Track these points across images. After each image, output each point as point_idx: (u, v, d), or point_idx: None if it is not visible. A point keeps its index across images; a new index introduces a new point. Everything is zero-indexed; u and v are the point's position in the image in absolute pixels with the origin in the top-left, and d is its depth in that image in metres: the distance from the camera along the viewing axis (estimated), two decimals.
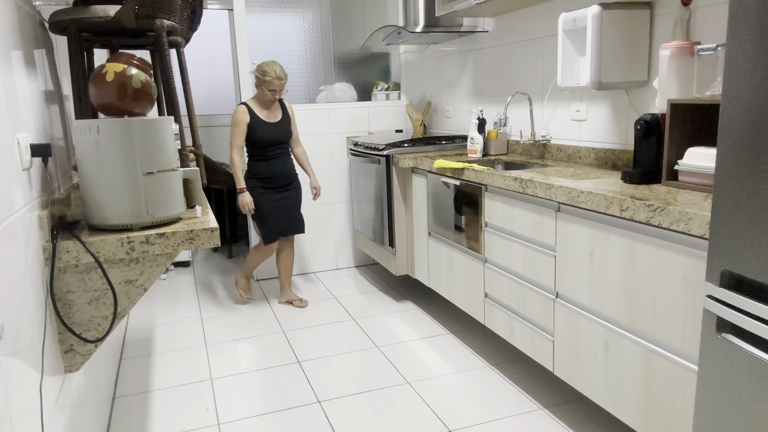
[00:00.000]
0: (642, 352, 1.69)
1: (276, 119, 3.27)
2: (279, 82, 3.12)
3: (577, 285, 1.95)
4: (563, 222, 1.99)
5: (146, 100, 1.46)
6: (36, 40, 1.60)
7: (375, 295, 3.60)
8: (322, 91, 4.17)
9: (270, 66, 3.11)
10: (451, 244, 2.83)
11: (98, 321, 1.44)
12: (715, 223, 1.26)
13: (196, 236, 1.43)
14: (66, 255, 1.34)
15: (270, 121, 3.24)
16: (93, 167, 1.38)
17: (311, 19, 4.15)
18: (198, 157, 1.86)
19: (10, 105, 1.23)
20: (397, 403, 2.31)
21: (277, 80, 3.11)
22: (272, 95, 3.16)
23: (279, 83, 3.13)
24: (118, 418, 2.29)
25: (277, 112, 3.29)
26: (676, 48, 1.89)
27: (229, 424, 2.22)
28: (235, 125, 3.18)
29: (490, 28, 3.28)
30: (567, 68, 2.34)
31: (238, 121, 3.17)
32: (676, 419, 1.59)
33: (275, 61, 3.15)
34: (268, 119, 3.24)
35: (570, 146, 2.69)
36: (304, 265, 4.11)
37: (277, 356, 2.79)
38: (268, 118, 3.24)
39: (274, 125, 3.24)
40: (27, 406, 1.11)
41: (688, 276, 1.51)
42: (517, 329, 2.34)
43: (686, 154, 1.79)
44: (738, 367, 1.22)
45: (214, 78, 5.13)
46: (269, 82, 3.11)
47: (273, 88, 3.13)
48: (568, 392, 2.35)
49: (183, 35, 1.84)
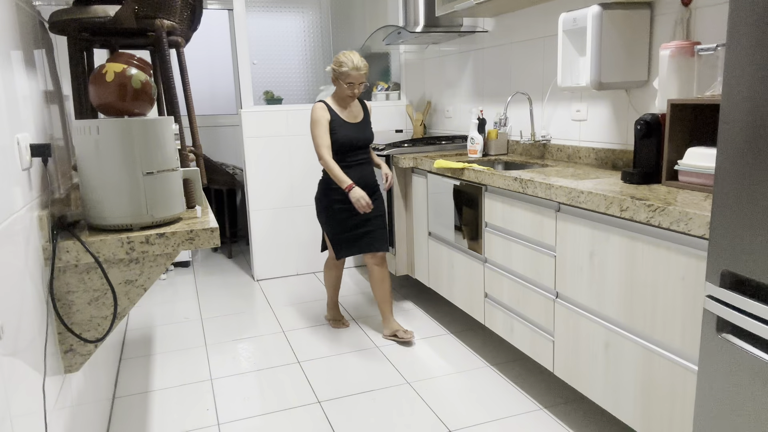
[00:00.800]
0: (642, 352, 1.69)
1: (357, 119, 2.85)
2: (357, 73, 2.69)
3: (577, 285, 1.95)
4: (563, 222, 1.99)
5: (146, 100, 1.46)
6: (36, 40, 1.60)
7: None
8: (322, 91, 4.17)
9: (346, 56, 2.71)
10: (451, 244, 2.83)
11: (98, 321, 1.44)
12: (715, 223, 1.26)
13: (196, 236, 1.43)
14: (66, 255, 1.34)
15: (351, 122, 2.82)
16: (93, 167, 1.38)
17: (311, 19, 4.15)
18: (198, 157, 1.86)
19: (10, 105, 1.23)
20: (397, 403, 2.31)
21: (355, 71, 2.69)
22: (350, 90, 2.73)
23: (357, 74, 2.69)
24: (118, 418, 2.29)
25: (358, 112, 2.87)
26: (676, 48, 1.89)
27: (229, 424, 2.22)
28: (315, 124, 2.76)
29: (490, 28, 3.28)
30: (567, 68, 2.34)
31: (318, 119, 2.75)
32: (676, 419, 1.59)
33: (354, 51, 2.75)
34: (348, 119, 2.82)
35: (570, 146, 2.68)
36: (304, 265, 4.11)
37: (277, 356, 2.79)
38: (348, 117, 2.82)
39: (355, 126, 2.82)
40: (27, 406, 1.11)
41: (688, 276, 1.51)
42: (517, 329, 2.34)
43: (686, 154, 1.79)
44: (738, 367, 1.22)
45: (214, 78, 5.13)
46: (346, 73, 2.69)
47: (351, 80, 2.70)
48: (568, 392, 2.34)
49: (183, 35, 1.84)
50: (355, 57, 2.70)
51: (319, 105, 2.78)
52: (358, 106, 2.88)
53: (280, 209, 3.98)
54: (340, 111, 2.80)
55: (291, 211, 4.01)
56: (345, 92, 2.74)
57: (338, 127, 2.76)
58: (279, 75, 4.15)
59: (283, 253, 4.04)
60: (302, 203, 4.02)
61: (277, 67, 4.13)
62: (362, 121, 2.86)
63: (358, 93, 2.75)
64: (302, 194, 4.01)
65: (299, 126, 3.93)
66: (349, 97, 2.77)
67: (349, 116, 2.82)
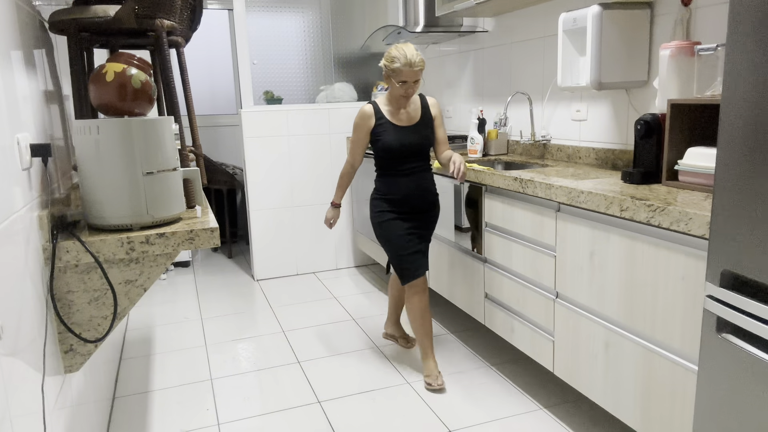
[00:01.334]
0: (642, 352, 1.69)
1: (412, 122, 2.44)
2: (410, 70, 2.28)
3: (577, 285, 1.95)
4: (563, 222, 1.99)
5: (146, 100, 1.46)
6: (36, 40, 1.60)
7: (375, 295, 3.60)
8: (322, 91, 4.17)
9: (399, 49, 2.30)
10: (451, 244, 2.83)
11: (98, 321, 1.44)
12: (715, 223, 1.26)
13: (196, 236, 1.43)
14: (66, 255, 1.34)
15: (402, 125, 2.42)
16: (93, 167, 1.38)
17: (311, 19, 4.15)
18: (198, 157, 1.86)
19: (10, 105, 1.23)
20: (397, 403, 2.31)
21: (408, 68, 2.27)
22: (403, 89, 2.32)
23: (410, 71, 2.28)
24: (118, 418, 2.29)
25: (415, 113, 2.46)
26: (676, 48, 1.89)
27: (229, 424, 2.22)
28: (354, 130, 2.45)
29: (490, 28, 3.28)
30: (567, 68, 2.34)
31: (356, 125, 2.43)
32: (676, 419, 1.59)
33: (408, 43, 2.33)
34: (400, 122, 2.42)
35: (570, 146, 2.68)
36: (304, 265, 4.11)
37: (277, 356, 2.79)
38: (400, 120, 2.43)
39: (406, 130, 2.41)
40: (27, 406, 1.11)
41: (688, 276, 1.51)
42: (517, 329, 2.34)
43: (686, 154, 1.79)
44: (738, 367, 1.22)
45: (214, 78, 5.13)
46: (398, 70, 2.28)
47: (403, 78, 2.29)
48: (568, 392, 2.34)
49: (183, 35, 1.84)
50: (408, 50, 2.29)
51: (365, 108, 2.43)
52: (417, 107, 2.47)
53: (280, 209, 3.98)
54: (391, 113, 2.43)
55: (291, 211, 4.01)
56: (397, 92, 2.35)
57: (383, 132, 2.40)
58: (279, 75, 4.15)
59: (283, 253, 4.04)
60: (302, 203, 4.02)
61: (277, 67, 4.13)
62: (418, 124, 2.43)
63: (412, 93, 2.36)
64: (302, 194, 4.01)
65: (299, 126, 3.93)
66: (402, 97, 2.37)
67: (402, 118, 2.43)
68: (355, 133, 2.45)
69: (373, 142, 2.44)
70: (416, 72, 2.29)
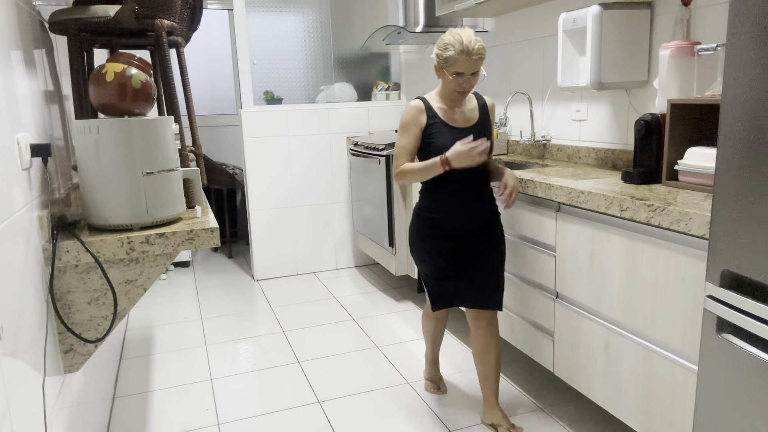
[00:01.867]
0: (642, 352, 1.69)
1: (469, 122, 2.02)
2: (466, 59, 1.85)
3: (577, 285, 1.95)
4: (563, 222, 1.99)
5: (146, 100, 1.46)
6: (36, 40, 1.60)
7: (375, 295, 3.60)
8: (322, 91, 4.17)
9: (454, 34, 1.86)
10: None
11: (98, 321, 1.44)
12: (715, 223, 1.26)
13: (196, 236, 1.43)
14: (66, 255, 1.34)
15: (458, 126, 2.00)
16: (93, 167, 1.38)
17: (311, 19, 4.15)
18: (198, 157, 1.86)
19: (10, 105, 1.23)
20: (397, 403, 2.31)
21: (464, 56, 1.84)
22: (458, 83, 1.90)
23: (467, 61, 1.85)
24: (118, 418, 2.29)
25: (472, 113, 2.03)
26: (676, 48, 1.89)
27: (229, 424, 2.22)
28: (401, 130, 2.01)
29: (490, 28, 3.28)
30: (567, 68, 2.34)
31: (405, 124, 1.99)
32: (676, 419, 1.59)
33: (466, 27, 1.89)
34: (455, 123, 2.00)
35: (570, 146, 2.69)
36: (304, 265, 4.11)
37: (277, 356, 2.79)
38: (455, 121, 2.00)
39: (464, 132, 1.98)
40: (27, 406, 1.11)
41: (688, 276, 1.51)
42: (517, 329, 2.34)
43: (686, 154, 1.79)
44: (738, 367, 1.22)
45: (214, 78, 5.13)
46: (452, 59, 1.86)
47: (458, 69, 1.87)
48: (568, 392, 2.34)
49: (183, 35, 1.84)
50: (465, 35, 1.84)
51: (414, 103, 2.00)
52: (473, 105, 2.05)
53: (280, 209, 3.98)
54: (444, 111, 2.00)
55: (291, 211, 4.01)
56: (451, 86, 1.93)
57: (437, 134, 1.97)
58: (279, 75, 4.15)
59: (283, 253, 4.04)
60: (302, 203, 4.02)
61: (277, 67, 4.13)
62: (476, 125, 2.02)
63: (469, 88, 1.93)
64: (302, 194, 4.01)
65: (299, 126, 3.93)
66: (457, 93, 1.95)
67: (458, 119, 2.00)
68: (404, 135, 1.99)
69: (424, 145, 1.99)
70: (474, 62, 1.85)
